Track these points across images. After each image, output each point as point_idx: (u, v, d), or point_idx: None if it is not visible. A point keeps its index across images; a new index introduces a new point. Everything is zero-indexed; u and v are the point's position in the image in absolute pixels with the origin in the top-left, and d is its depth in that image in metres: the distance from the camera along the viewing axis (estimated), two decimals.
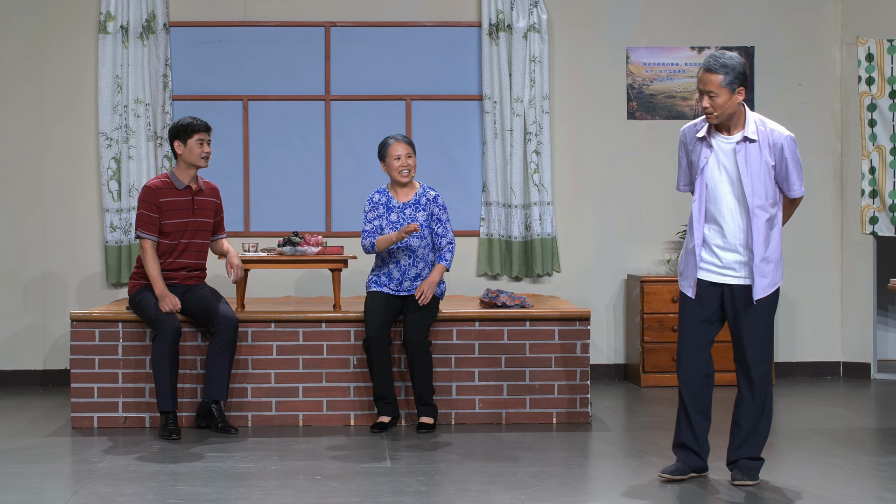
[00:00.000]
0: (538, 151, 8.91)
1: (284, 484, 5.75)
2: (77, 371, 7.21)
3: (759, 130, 5.63)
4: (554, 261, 8.95)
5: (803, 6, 9.15)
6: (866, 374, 9.06)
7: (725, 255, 5.65)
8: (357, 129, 9.01)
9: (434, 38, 9.06)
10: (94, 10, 8.86)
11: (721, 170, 5.63)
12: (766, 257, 5.63)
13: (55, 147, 8.89)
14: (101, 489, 5.66)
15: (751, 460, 5.71)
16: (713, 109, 5.57)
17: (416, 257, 7.20)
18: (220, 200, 7.41)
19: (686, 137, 5.76)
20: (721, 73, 5.56)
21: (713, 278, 5.68)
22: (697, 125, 5.73)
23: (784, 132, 5.65)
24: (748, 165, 5.59)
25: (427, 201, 7.22)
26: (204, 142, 7.15)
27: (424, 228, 7.18)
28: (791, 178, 5.65)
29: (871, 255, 9.04)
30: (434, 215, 7.21)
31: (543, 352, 7.33)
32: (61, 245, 8.89)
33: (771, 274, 5.65)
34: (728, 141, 5.64)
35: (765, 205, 5.61)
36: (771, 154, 5.61)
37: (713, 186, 5.64)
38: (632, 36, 9.07)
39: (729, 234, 5.64)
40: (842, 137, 9.16)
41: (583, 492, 5.62)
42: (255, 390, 7.27)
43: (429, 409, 7.10)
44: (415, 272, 7.20)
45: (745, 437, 5.70)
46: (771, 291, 5.65)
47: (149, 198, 7.09)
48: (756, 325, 5.65)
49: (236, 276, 7.23)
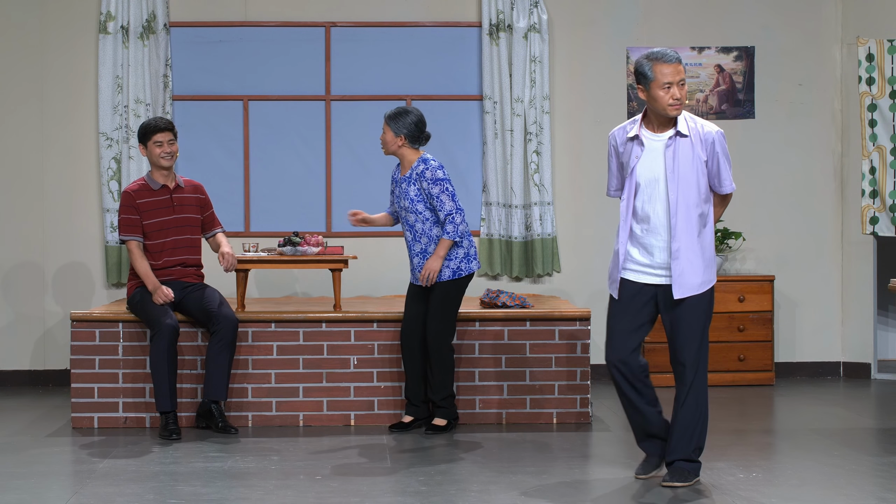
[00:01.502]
0: (538, 151, 8.91)
1: (284, 484, 5.76)
2: (77, 371, 7.22)
3: (689, 126, 5.60)
4: (554, 261, 8.95)
5: (803, 6, 9.15)
6: (866, 374, 9.06)
7: (659, 254, 5.59)
8: (357, 129, 9.01)
9: (434, 39, 9.06)
10: (95, 10, 8.86)
11: (652, 168, 5.58)
12: (697, 255, 5.57)
13: (55, 147, 8.89)
14: (101, 489, 5.66)
15: (687, 462, 5.67)
16: (683, 99, 5.55)
17: (417, 232, 6.99)
18: (206, 196, 7.42)
19: (616, 140, 5.70)
20: (681, 63, 5.56)
21: (644, 279, 5.63)
22: (626, 127, 5.69)
23: (714, 127, 5.62)
24: (680, 162, 5.54)
25: (417, 175, 7.01)
26: (163, 142, 7.17)
27: (414, 203, 7.00)
28: (722, 173, 5.62)
29: (871, 255, 9.04)
30: (423, 189, 7.00)
31: (544, 352, 7.33)
32: (61, 245, 8.89)
33: (703, 272, 5.59)
34: (659, 138, 5.60)
35: (698, 202, 5.56)
36: (703, 149, 5.57)
37: (645, 185, 5.59)
38: (632, 36, 9.06)
39: (661, 233, 5.58)
40: (842, 137, 9.16)
41: (583, 492, 5.62)
42: (255, 390, 7.27)
43: (439, 411, 7.04)
44: (419, 248, 7.00)
45: (679, 439, 5.65)
46: (705, 290, 5.60)
47: (127, 201, 7.18)
48: (691, 325, 5.59)
49: (227, 265, 7.19)
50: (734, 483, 5.71)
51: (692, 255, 5.56)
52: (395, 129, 6.99)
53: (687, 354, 5.61)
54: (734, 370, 8.68)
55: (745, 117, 9.14)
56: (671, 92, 5.52)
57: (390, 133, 7.01)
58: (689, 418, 5.63)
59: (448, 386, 7.01)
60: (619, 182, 5.74)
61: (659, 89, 5.53)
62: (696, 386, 5.63)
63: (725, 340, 8.68)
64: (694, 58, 9.10)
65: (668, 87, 5.52)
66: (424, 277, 6.93)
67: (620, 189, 5.73)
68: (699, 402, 5.64)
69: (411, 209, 6.98)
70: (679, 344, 5.62)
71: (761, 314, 8.71)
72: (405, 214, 7.03)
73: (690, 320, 5.60)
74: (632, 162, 5.61)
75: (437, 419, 7.02)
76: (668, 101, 5.53)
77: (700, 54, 9.10)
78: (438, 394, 7.00)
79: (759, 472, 5.97)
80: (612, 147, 5.72)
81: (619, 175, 5.72)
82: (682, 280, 5.56)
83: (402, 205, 7.02)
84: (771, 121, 9.15)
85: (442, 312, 6.98)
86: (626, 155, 5.65)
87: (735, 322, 8.67)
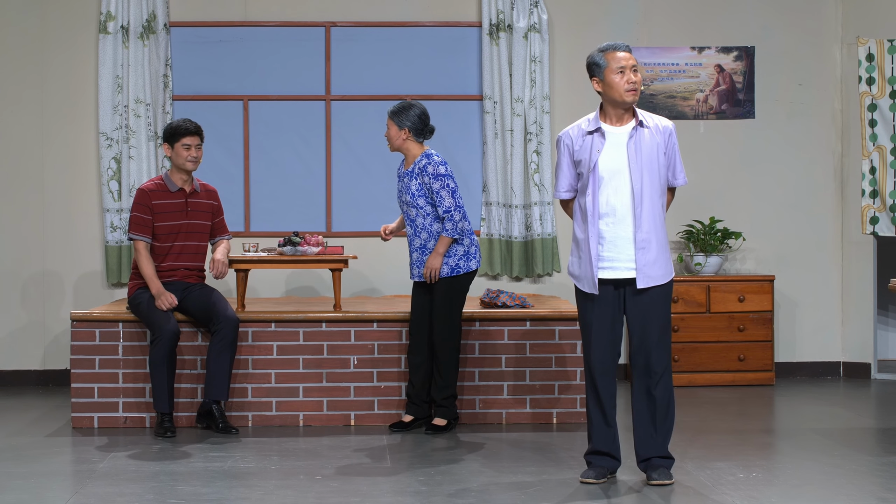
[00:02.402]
0: (538, 151, 8.91)
1: (284, 484, 5.76)
2: (77, 371, 7.22)
3: (646, 118, 5.63)
4: (554, 261, 8.95)
5: (803, 6, 9.15)
6: (866, 374, 9.06)
7: (626, 246, 5.57)
8: (357, 129, 9.01)
9: (434, 39, 9.06)
10: (95, 10, 8.86)
11: (616, 160, 5.57)
12: (663, 245, 5.60)
13: (55, 147, 8.89)
14: (101, 489, 5.66)
15: (662, 458, 5.69)
16: (639, 85, 5.57)
17: (417, 227, 6.98)
18: (219, 202, 7.41)
19: (570, 139, 5.68)
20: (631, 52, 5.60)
21: (613, 275, 5.60)
22: (581, 124, 5.69)
23: (667, 120, 5.68)
24: (643, 152, 5.56)
25: (419, 170, 6.96)
26: (191, 146, 7.15)
27: (416, 198, 6.96)
28: (677, 164, 5.67)
29: (871, 255, 9.04)
30: (424, 184, 6.97)
31: (543, 352, 7.33)
32: (61, 245, 8.89)
33: (665, 263, 5.62)
34: (620, 131, 5.61)
35: (661, 192, 5.60)
36: (662, 139, 5.60)
37: (609, 178, 5.58)
38: (632, 36, 9.06)
39: (629, 225, 5.57)
40: (842, 137, 9.16)
41: (583, 492, 5.62)
42: (255, 390, 7.27)
43: (439, 411, 7.02)
44: (418, 242, 6.99)
45: (652, 435, 5.65)
46: (667, 281, 5.62)
47: (142, 200, 7.12)
48: (657, 317, 5.60)
49: (216, 272, 7.15)
50: (734, 483, 5.71)
51: (656, 245, 5.59)
52: (399, 123, 6.99)
53: (658, 347, 5.61)
54: (734, 370, 8.68)
55: (745, 117, 9.14)
56: (626, 76, 5.54)
57: (394, 128, 7.00)
58: (664, 413, 5.64)
59: (451, 385, 7.01)
60: (569, 182, 5.72)
61: (613, 74, 5.55)
62: (666, 379, 5.64)
63: (725, 340, 8.68)
64: (694, 58, 9.10)
65: (621, 70, 5.54)
66: (427, 275, 6.93)
67: (570, 190, 5.73)
68: (668, 395, 5.65)
69: (412, 203, 6.96)
70: (650, 337, 5.61)
71: (761, 314, 8.71)
72: (406, 209, 7.02)
73: (657, 312, 5.61)
74: (593, 156, 5.59)
75: (438, 419, 7.02)
76: (624, 85, 5.54)
77: (700, 54, 9.10)
78: (441, 393, 7.00)
79: (759, 472, 5.97)
80: (565, 146, 5.69)
81: (571, 174, 5.71)
82: (647, 270, 5.57)
83: (404, 199, 7.02)
84: (771, 121, 9.15)
85: (444, 310, 6.97)
86: (583, 151, 5.62)
87: (735, 322, 8.67)
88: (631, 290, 5.62)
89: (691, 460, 6.19)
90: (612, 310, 5.65)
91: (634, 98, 5.57)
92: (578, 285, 5.69)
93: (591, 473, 5.72)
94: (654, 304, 5.61)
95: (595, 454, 5.76)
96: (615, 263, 5.60)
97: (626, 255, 5.59)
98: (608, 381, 5.68)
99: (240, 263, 7.40)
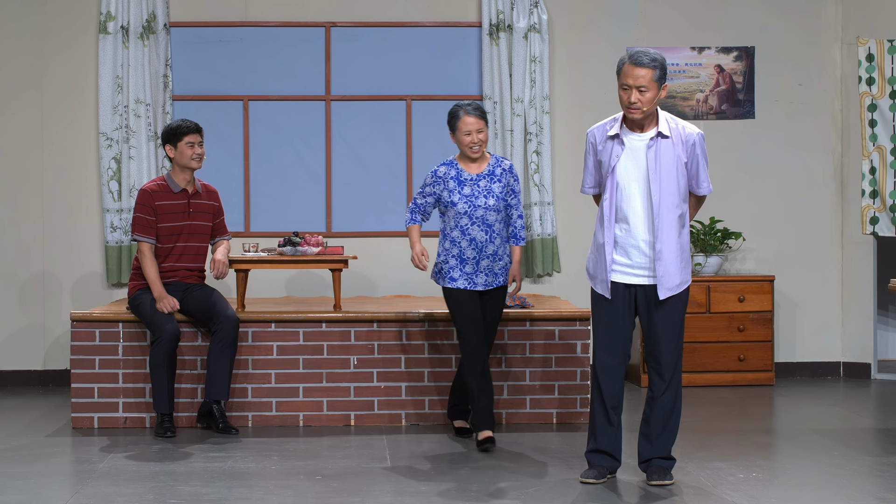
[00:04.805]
0: (538, 151, 8.91)
1: (284, 484, 5.76)
2: (77, 371, 7.22)
3: (671, 127, 5.59)
4: (554, 261, 8.95)
5: (803, 6, 9.15)
6: (866, 375, 9.06)
7: (636, 254, 5.60)
8: (357, 129, 9.01)
9: (434, 39, 9.06)
10: (95, 10, 8.86)
11: (633, 168, 5.57)
12: (677, 255, 5.59)
13: (55, 147, 8.88)
14: (101, 489, 5.66)
15: (663, 460, 5.70)
16: (642, 105, 5.50)
17: (493, 233, 6.59)
18: (220, 203, 7.41)
19: (595, 138, 5.69)
20: (651, 68, 5.48)
21: (625, 279, 5.63)
22: (607, 125, 5.68)
23: (695, 129, 5.63)
24: (661, 162, 5.54)
25: (502, 171, 6.63)
26: (195, 143, 7.14)
27: (500, 201, 6.63)
28: (700, 175, 5.64)
29: (871, 255, 9.04)
30: (509, 185, 6.65)
31: (543, 352, 7.33)
32: (61, 245, 8.89)
33: (681, 272, 5.62)
34: (641, 138, 5.59)
35: (678, 202, 5.58)
36: (683, 150, 5.58)
37: (625, 185, 5.58)
38: (632, 36, 9.06)
39: (640, 233, 5.58)
40: (842, 137, 9.16)
41: (583, 492, 5.62)
42: (255, 390, 7.27)
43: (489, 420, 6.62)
44: (492, 249, 6.59)
45: (657, 437, 5.68)
46: (682, 290, 5.63)
47: (145, 201, 7.10)
48: (669, 324, 5.62)
49: (217, 272, 7.14)
50: (734, 483, 5.72)
51: (674, 255, 5.59)
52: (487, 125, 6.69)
53: (666, 353, 5.64)
54: (734, 370, 8.68)
55: (745, 117, 9.14)
56: (628, 94, 5.51)
57: (486, 128, 6.68)
58: (668, 416, 5.67)
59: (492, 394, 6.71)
60: (593, 179, 5.74)
61: (620, 90, 5.56)
62: (675, 384, 5.67)
63: (725, 340, 8.68)
64: (694, 58, 9.10)
65: (626, 88, 5.52)
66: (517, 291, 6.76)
67: (595, 187, 5.75)
68: (676, 399, 5.68)
69: (494, 208, 6.59)
70: (659, 343, 5.64)
71: (761, 314, 8.70)
72: (483, 213, 6.56)
73: (670, 320, 5.63)
74: (612, 161, 5.60)
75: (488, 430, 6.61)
76: (625, 102, 5.54)
77: (700, 54, 9.10)
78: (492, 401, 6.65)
79: (759, 472, 5.97)
80: (591, 144, 5.70)
81: (595, 173, 5.72)
82: (664, 280, 5.58)
83: (479, 203, 6.58)
84: (771, 121, 9.15)
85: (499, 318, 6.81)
86: (604, 153, 5.64)
87: (735, 322, 8.67)
88: (643, 294, 5.64)
89: (691, 460, 6.19)
90: (622, 312, 5.67)
91: (635, 116, 5.53)
92: (592, 285, 5.74)
93: (591, 473, 5.73)
94: (666, 312, 5.63)
95: (596, 453, 5.76)
96: (627, 269, 5.63)
97: (637, 262, 5.61)
98: (611, 380, 5.69)
99: (240, 263, 7.40)
